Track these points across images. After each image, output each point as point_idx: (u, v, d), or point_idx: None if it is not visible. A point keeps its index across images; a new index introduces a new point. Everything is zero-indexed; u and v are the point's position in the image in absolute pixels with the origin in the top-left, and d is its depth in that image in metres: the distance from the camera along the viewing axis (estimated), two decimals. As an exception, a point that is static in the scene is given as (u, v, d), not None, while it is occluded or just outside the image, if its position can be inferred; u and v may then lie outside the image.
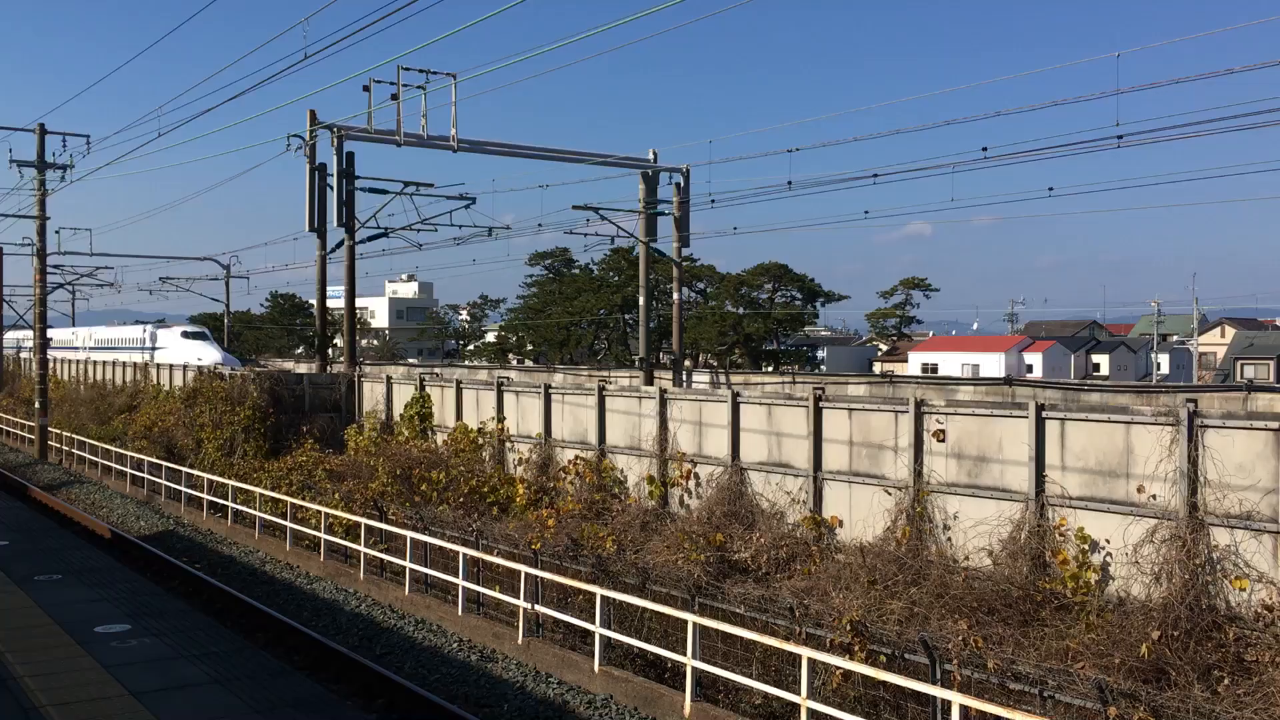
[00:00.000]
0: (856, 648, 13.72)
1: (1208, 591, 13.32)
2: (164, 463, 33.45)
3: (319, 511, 23.92)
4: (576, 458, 23.79)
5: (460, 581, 18.91)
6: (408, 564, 20.44)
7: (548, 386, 25.82)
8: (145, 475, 34.54)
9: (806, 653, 12.77)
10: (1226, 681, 11.91)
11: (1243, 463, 13.39)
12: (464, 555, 18.95)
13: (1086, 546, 14.71)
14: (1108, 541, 14.56)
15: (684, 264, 45.62)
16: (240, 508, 27.88)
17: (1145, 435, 14.40)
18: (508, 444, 26.61)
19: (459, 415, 28.65)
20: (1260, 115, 22.29)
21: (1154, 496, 14.18)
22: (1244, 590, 13.13)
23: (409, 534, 20.74)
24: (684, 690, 14.14)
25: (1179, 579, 13.42)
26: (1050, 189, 35.82)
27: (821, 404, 18.78)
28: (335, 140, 36.53)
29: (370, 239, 40.47)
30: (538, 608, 17.36)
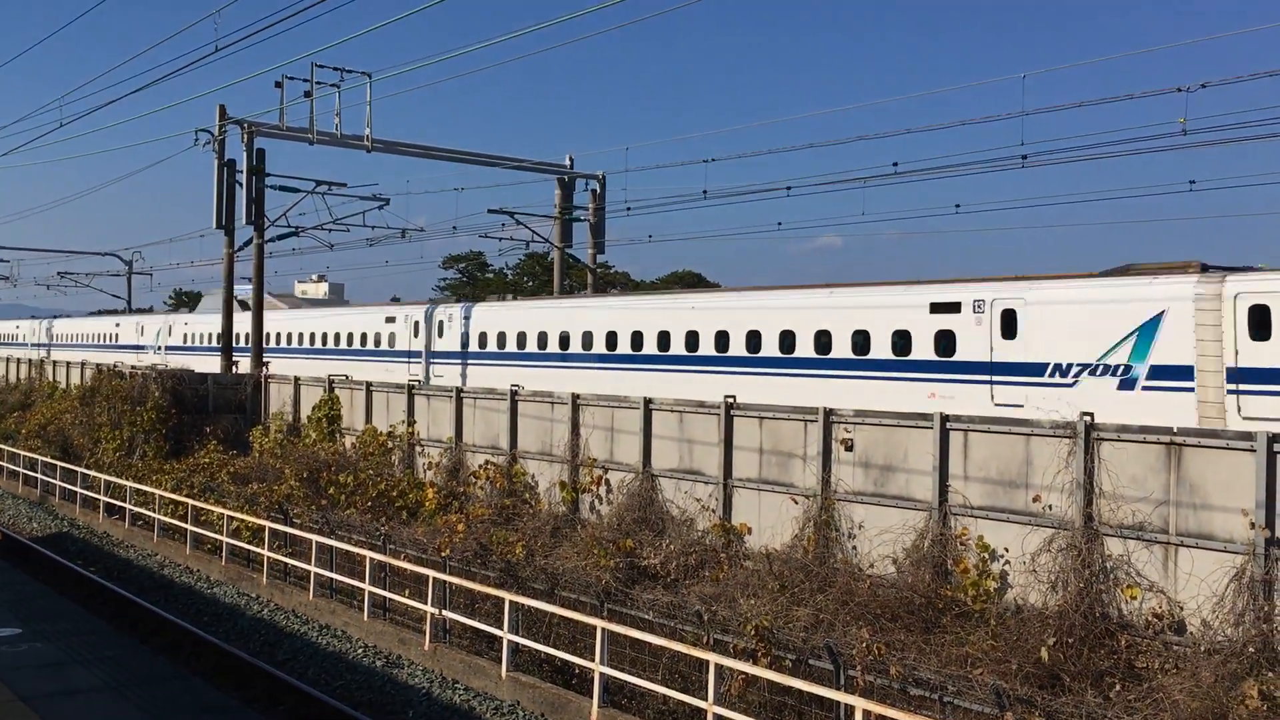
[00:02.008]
0: (762, 653, 13.87)
1: (1101, 600, 13.73)
2: (59, 463, 32.44)
3: (222, 514, 23.41)
4: (488, 462, 23.65)
5: (366, 586, 18.67)
6: (313, 568, 20.12)
7: (459, 390, 25.63)
8: (39, 475, 33.48)
9: (714, 658, 12.87)
10: (1118, 687, 12.29)
11: (1136, 475, 13.84)
12: (370, 560, 18.71)
13: (987, 555, 15.06)
14: (1007, 550, 14.92)
15: (599, 270, 45.69)
16: (139, 510, 27.17)
17: (1044, 447, 14.80)
18: (418, 448, 26.33)
19: (369, 418, 28.28)
20: (1158, 140, 23.12)
21: (1050, 507, 14.57)
22: (1135, 599, 13.56)
23: (315, 538, 20.42)
24: (592, 696, 14.14)
25: (1074, 587, 13.81)
26: (958, 206, 36.68)
27: (733, 412, 18.94)
28: (245, 136, 35.85)
29: (280, 238, 39.78)
30: (445, 613, 17.22)
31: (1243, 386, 17.81)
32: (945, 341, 21.80)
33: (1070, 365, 19.79)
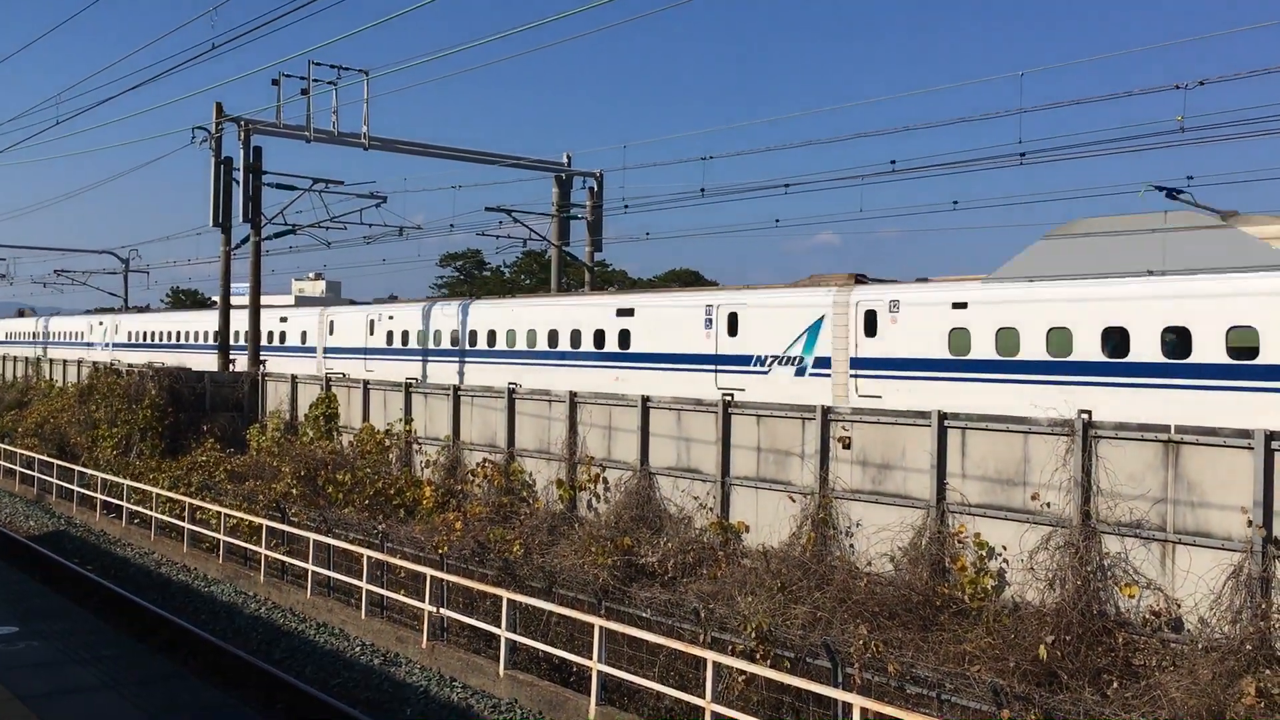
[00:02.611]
0: (760, 652, 13.87)
1: (1099, 597, 13.73)
2: (56, 461, 32.40)
3: (219, 513, 23.38)
4: (485, 460, 23.63)
5: (364, 585, 18.65)
6: (310, 566, 20.10)
7: (456, 389, 25.61)
8: (36, 474, 33.44)
9: (711, 656, 12.86)
10: (1116, 685, 12.30)
11: (1134, 473, 13.85)
12: (368, 558, 18.69)
13: (984, 553, 15.06)
14: (1005, 548, 14.93)
15: (596, 268, 45.66)
16: (136, 508, 27.13)
17: (1042, 445, 14.80)
18: (415, 446, 26.32)
19: (366, 416, 28.26)
20: (1156, 136, 23.11)
21: (1048, 504, 14.58)
22: (1133, 597, 13.57)
23: (312, 536, 20.40)
24: (589, 694, 14.14)
25: (1072, 585, 13.82)
26: (955, 202, 36.69)
27: (730, 410, 18.94)
28: (242, 134, 35.79)
29: (277, 236, 39.71)
30: (443, 611, 17.20)
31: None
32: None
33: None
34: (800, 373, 23.55)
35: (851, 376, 22.54)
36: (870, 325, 22.43)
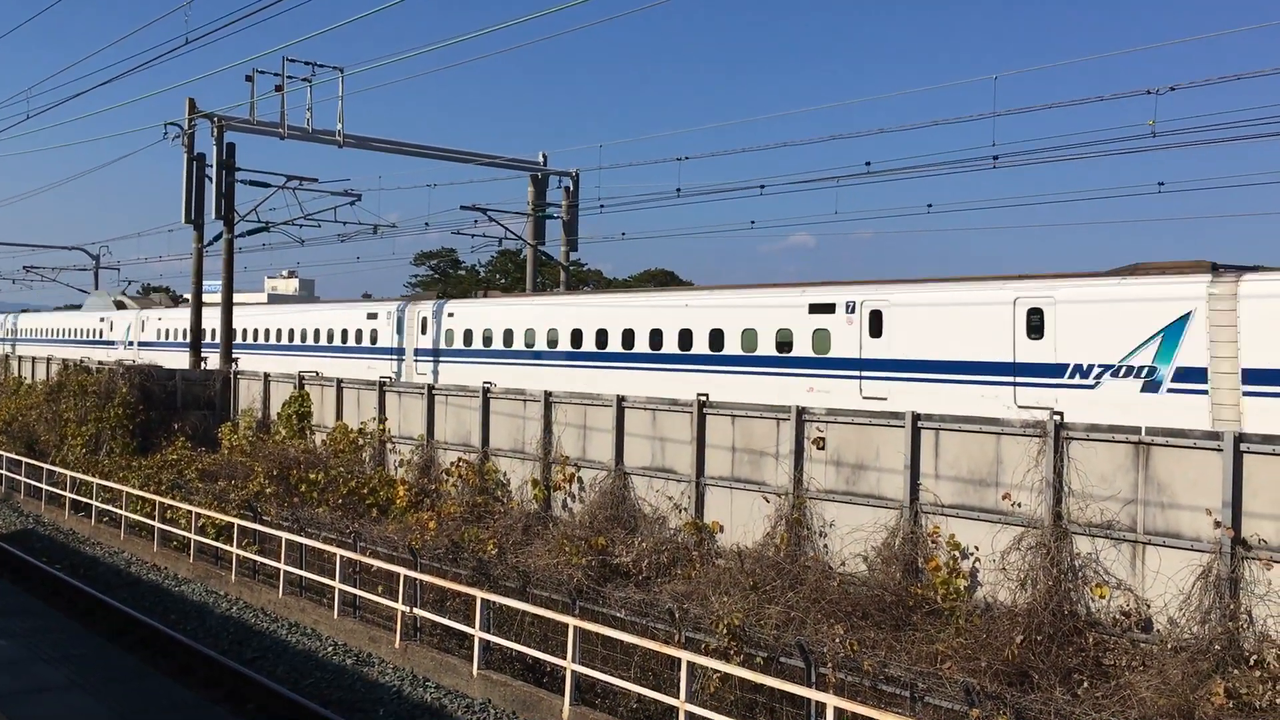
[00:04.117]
0: (734, 651, 13.89)
1: (1070, 598, 13.84)
2: (24, 459, 32.06)
3: (190, 511, 23.21)
4: (459, 460, 23.56)
5: (336, 584, 18.56)
6: (282, 566, 19.97)
7: (430, 387, 25.53)
8: (3, 472, 33.08)
9: (686, 656, 12.87)
10: (1086, 684, 12.40)
11: (1105, 474, 13.96)
12: (340, 557, 18.60)
13: (957, 553, 15.14)
14: (977, 548, 15.01)
15: (571, 268, 45.66)
16: (105, 507, 26.89)
17: (1014, 446, 14.90)
18: (389, 445, 26.21)
19: (339, 415, 28.12)
20: (1127, 141, 23.33)
21: (1020, 505, 14.67)
22: (1104, 597, 13.68)
23: (284, 535, 20.28)
24: (563, 694, 14.12)
25: (1043, 585, 13.92)
26: (929, 205, 36.94)
27: (705, 410, 18.96)
28: (215, 130, 35.56)
29: (250, 233, 39.49)
30: (416, 611, 17.14)
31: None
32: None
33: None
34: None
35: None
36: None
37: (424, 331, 35.00)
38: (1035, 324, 19.59)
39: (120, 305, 59.92)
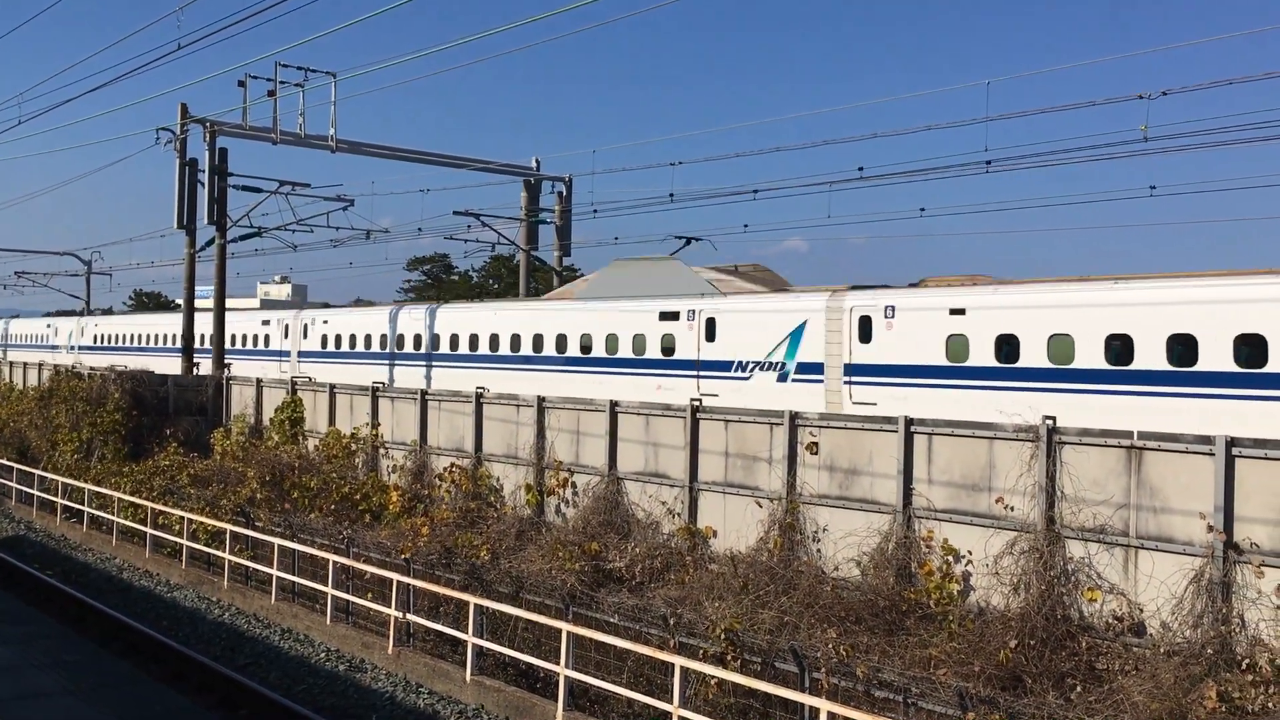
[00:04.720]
0: (729, 656, 13.89)
1: (1063, 602, 13.86)
2: (15, 465, 31.96)
3: (182, 517, 23.15)
4: (452, 465, 23.54)
5: (329, 590, 18.52)
6: (274, 571, 19.93)
7: (424, 393, 25.51)
8: (-6, 478, 32.97)
9: (679, 661, 12.87)
10: (1079, 689, 12.41)
11: (1097, 478, 13.99)
12: (334, 563, 18.57)
13: (950, 558, 15.16)
14: (970, 553, 15.03)
15: (565, 273, 45.64)
16: (97, 513, 26.81)
17: (1007, 451, 14.92)
18: (382, 450, 26.18)
19: (332, 420, 28.08)
20: (1120, 146, 23.42)
21: (1012, 509, 14.69)
22: (1096, 601, 13.70)
23: (277, 541, 20.24)
24: (557, 700, 14.10)
25: (1036, 590, 13.93)
26: (922, 209, 37.06)
27: (699, 415, 18.97)
28: (208, 135, 35.51)
29: (242, 238, 39.43)
30: (409, 616, 17.11)
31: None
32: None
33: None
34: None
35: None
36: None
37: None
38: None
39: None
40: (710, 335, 25.69)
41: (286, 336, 42.03)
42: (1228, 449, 12.82)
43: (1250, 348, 17.73)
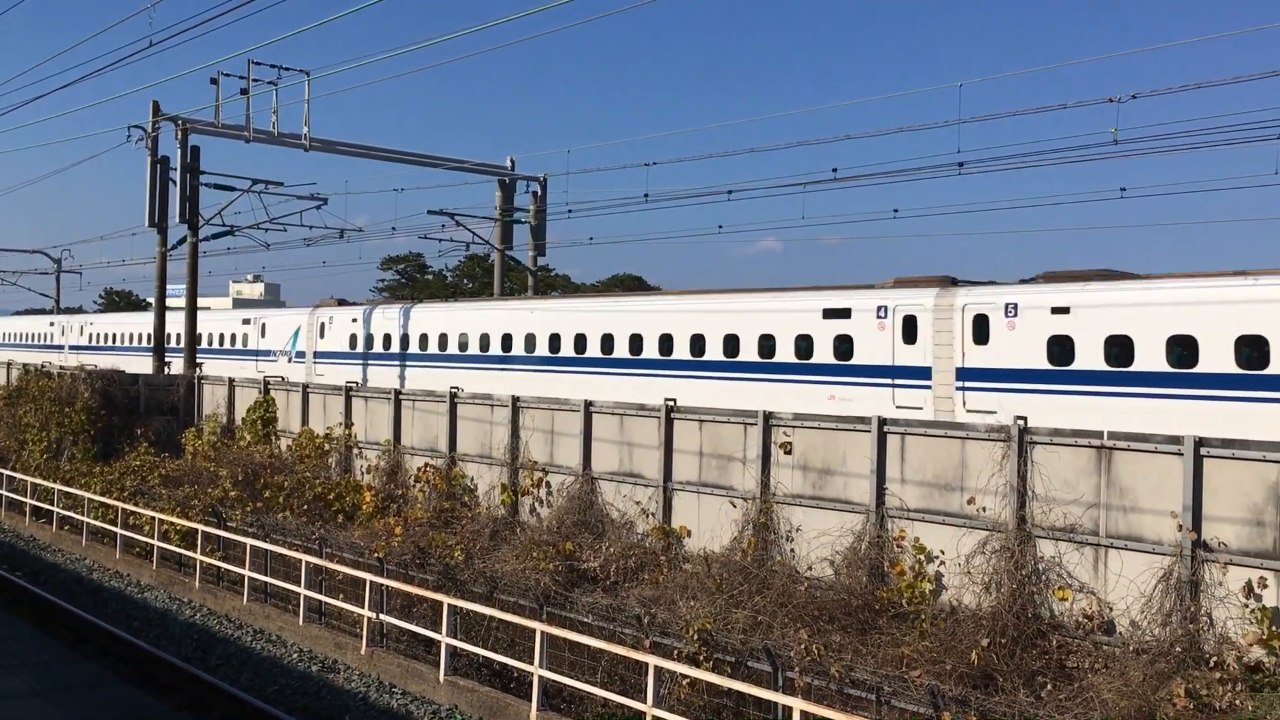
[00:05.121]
0: (703, 656, 13.91)
1: (1034, 601, 13.97)
2: (-17, 465, 31.61)
3: (152, 518, 22.97)
4: (427, 465, 23.48)
5: (302, 590, 18.43)
6: (247, 572, 19.80)
7: (398, 392, 25.43)
8: (-38, 478, 32.58)
9: (653, 661, 12.89)
10: (1050, 687, 12.51)
11: (1068, 478, 14.10)
12: (306, 563, 18.47)
13: (923, 557, 15.24)
14: (942, 552, 15.12)
15: (539, 273, 45.61)
16: (66, 513, 26.56)
17: (979, 450, 15.02)
18: (355, 450, 26.07)
19: (305, 420, 27.94)
20: (1090, 148, 23.62)
21: (983, 509, 14.79)
22: (1066, 600, 13.82)
23: (249, 541, 20.11)
24: (530, 700, 14.09)
25: (1007, 589, 14.03)
26: (895, 210, 37.25)
27: (673, 415, 18.99)
28: (180, 133, 35.25)
29: (215, 237, 39.14)
30: (382, 617, 17.05)
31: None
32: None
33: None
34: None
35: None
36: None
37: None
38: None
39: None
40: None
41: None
42: (1196, 449, 12.95)
43: None
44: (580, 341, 28.81)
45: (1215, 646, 12.34)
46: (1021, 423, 14.65)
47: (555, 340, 29.52)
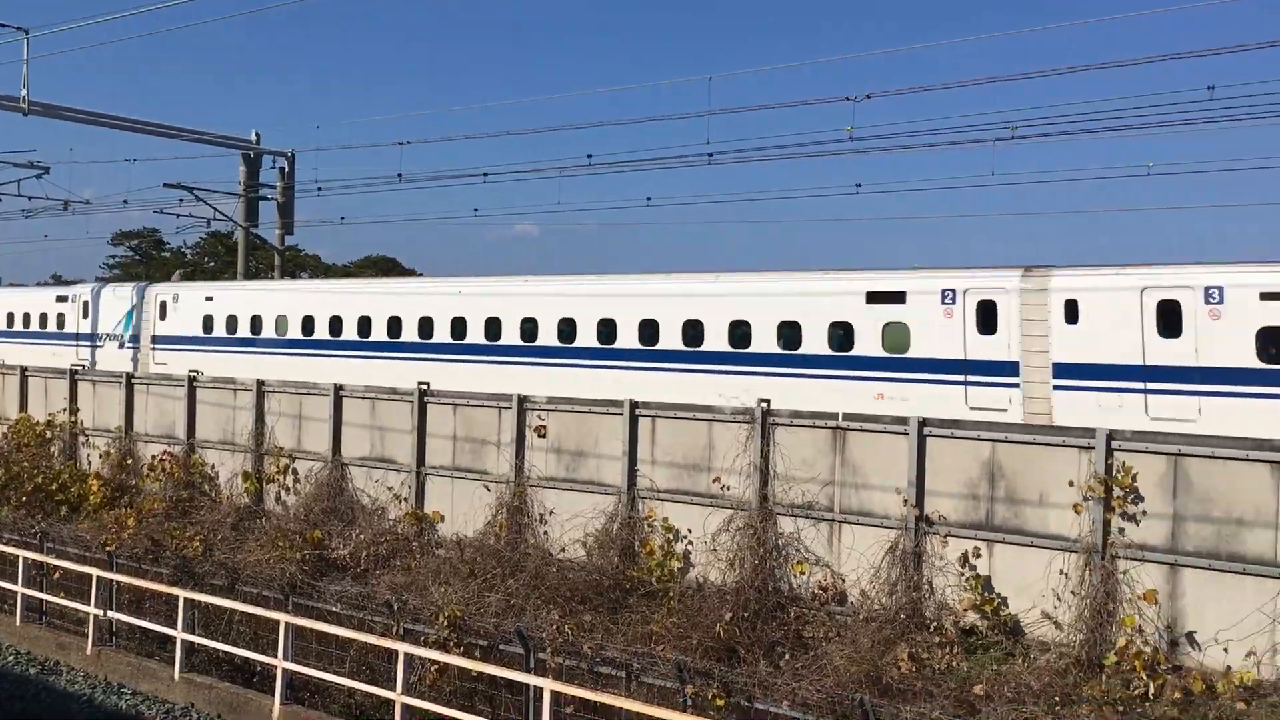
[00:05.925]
0: (454, 642, 13.84)
1: (774, 575, 14.62)
2: None
3: None
4: (163, 453, 22.23)
5: (19, 588, 17.13)
6: (-45, 571, 18.21)
7: (130, 376, 23.95)
8: None
9: (403, 648, 12.73)
10: (788, 656, 13.15)
11: (807, 457, 14.82)
12: (24, 559, 17.18)
13: (671, 536, 15.67)
14: (690, 531, 15.60)
15: (287, 252, 43.87)
16: None
17: (726, 432, 15.57)
18: (82, 438, 24.39)
19: (23, 406, 25.89)
20: (829, 144, 24.79)
21: (728, 488, 15.35)
22: (804, 573, 14.54)
23: (-43, 538, 18.50)
24: (274, 694, 13.62)
25: (750, 564, 14.63)
26: (649, 199, 37.96)
27: (426, 399, 18.73)
28: (-128, 89, 31.81)
29: (-85, 205, 35.61)
30: (110, 614, 16.07)
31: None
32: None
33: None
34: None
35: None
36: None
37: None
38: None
39: None
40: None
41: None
42: (920, 428, 13.88)
43: None
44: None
45: (935, 612, 13.29)
46: (765, 404, 15.26)
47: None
